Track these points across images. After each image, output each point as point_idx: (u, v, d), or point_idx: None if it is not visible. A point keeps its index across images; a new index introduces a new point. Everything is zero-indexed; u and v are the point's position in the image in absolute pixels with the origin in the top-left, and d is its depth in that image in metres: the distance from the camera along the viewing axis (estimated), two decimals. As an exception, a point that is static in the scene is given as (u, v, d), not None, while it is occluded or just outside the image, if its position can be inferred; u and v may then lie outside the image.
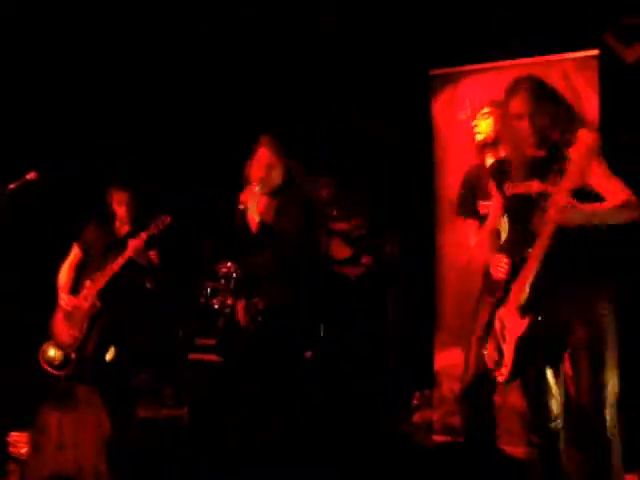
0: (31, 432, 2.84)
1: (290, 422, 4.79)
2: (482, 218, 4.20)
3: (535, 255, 3.42)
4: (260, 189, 4.70)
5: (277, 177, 4.73)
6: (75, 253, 5.52)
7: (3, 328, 5.82)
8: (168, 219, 5.24)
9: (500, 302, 3.63)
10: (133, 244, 5.22)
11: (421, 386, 5.83)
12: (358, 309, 6.38)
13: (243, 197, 4.74)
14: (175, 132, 6.75)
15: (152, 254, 5.37)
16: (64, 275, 5.47)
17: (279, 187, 4.74)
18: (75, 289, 5.42)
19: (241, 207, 4.73)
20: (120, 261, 5.23)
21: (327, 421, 5.34)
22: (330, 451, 4.88)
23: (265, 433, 4.93)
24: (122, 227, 5.51)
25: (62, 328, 5.33)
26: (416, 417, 5.66)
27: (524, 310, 3.51)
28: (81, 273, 5.47)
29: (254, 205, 4.70)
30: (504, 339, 3.62)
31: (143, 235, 5.22)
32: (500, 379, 3.66)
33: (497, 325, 3.64)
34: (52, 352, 5.31)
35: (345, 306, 6.37)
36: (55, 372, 5.28)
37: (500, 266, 3.61)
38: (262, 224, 4.68)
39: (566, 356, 3.60)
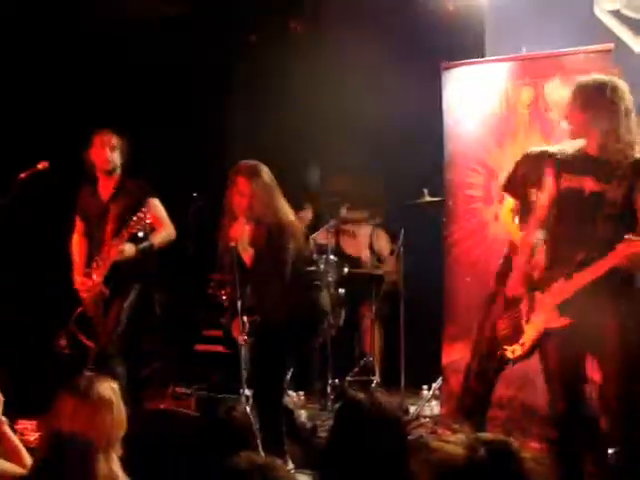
0: (46, 416, 2.83)
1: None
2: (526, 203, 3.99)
3: (601, 266, 3.49)
4: (247, 220, 4.62)
5: (260, 205, 4.59)
6: (78, 225, 5.42)
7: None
8: (147, 216, 4.97)
9: (538, 286, 3.69)
10: (115, 249, 5.03)
11: (429, 380, 5.85)
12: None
13: (233, 233, 4.61)
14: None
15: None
16: (76, 251, 5.36)
17: (264, 214, 4.61)
18: (90, 261, 5.30)
19: (232, 244, 4.61)
20: (108, 262, 5.07)
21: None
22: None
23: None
24: (104, 186, 5.31)
25: (88, 303, 5.25)
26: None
27: (564, 310, 3.59)
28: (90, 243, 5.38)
29: (245, 239, 4.62)
30: (527, 320, 3.68)
31: (124, 235, 5.00)
32: (510, 355, 3.77)
33: (524, 303, 3.72)
34: (86, 321, 5.24)
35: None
36: (87, 343, 5.20)
37: None
38: (257, 255, 4.60)
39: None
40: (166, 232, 5.30)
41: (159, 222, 5.25)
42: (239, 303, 4.70)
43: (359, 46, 6.30)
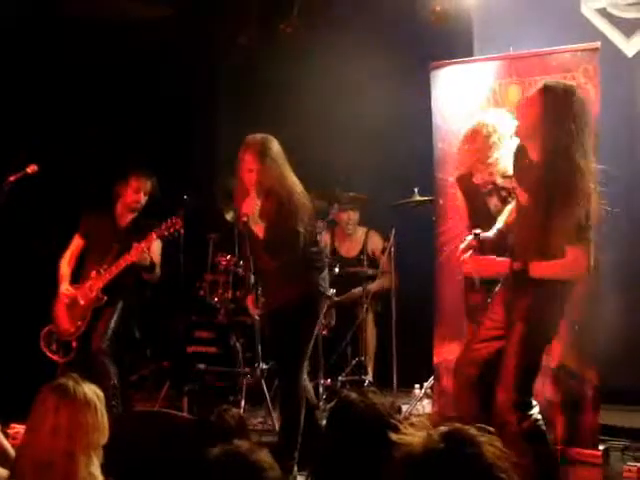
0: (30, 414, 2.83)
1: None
2: None
3: None
4: (257, 194, 4.63)
5: (268, 179, 4.60)
6: (76, 243, 5.54)
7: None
8: (179, 222, 5.17)
9: None
10: (138, 249, 5.18)
11: (421, 379, 5.86)
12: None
13: (244, 208, 4.64)
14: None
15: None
16: (65, 265, 5.50)
17: (272, 188, 4.62)
18: (76, 277, 5.44)
19: (244, 219, 4.64)
20: (122, 264, 5.23)
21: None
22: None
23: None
24: (123, 215, 5.50)
25: (64, 316, 5.37)
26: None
27: None
28: (85, 261, 5.50)
29: (256, 212, 4.63)
30: None
31: (151, 238, 5.17)
32: None
33: None
34: (54, 337, 5.36)
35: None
36: (55, 357, 5.31)
37: None
38: (269, 228, 4.63)
39: None
40: (158, 268, 5.53)
41: (156, 258, 5.48)
42: (252, 277, 4.81)
43: (348, 47, 6.32)
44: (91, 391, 2.81)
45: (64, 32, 6.41)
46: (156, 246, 5.42)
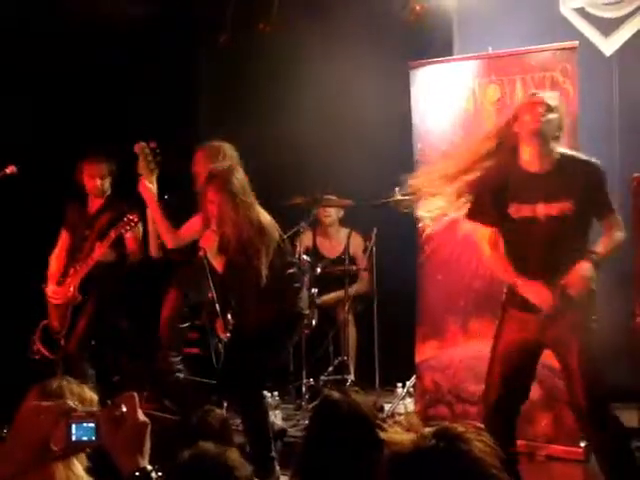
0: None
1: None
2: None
3: None
4: (218, 227, 4.54)
5: (229, 213, 4.49)
6: (64, 237, 5.53)
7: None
8: (136, 218, 5.09)
9: None
10: (99, 249, 5.16)
11: (403, 378, 5.87)
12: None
13: (202, 242, 4.57)
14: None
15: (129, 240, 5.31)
16: (54, 262, 5.51)
17: (233, 222, 4.51)
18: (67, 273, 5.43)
19: (201, 253, 4.58)
20: (90, 263, 5.21)
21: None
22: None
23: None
24: (92, 203, 5.48)
25: (53, 314, 5.37)
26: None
27: None
28: (68, 255, 5.49)
29: (214, 247, 4.56)
30: None
31: (111, 235, 5.12)
32: None
33: None
34: (47, 333, 5.37)
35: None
36: (47, 353, 5.30)
37: None
38: (229, 262, 4.55)
39: None
40: (139, 254, 5.44)
41: (136, 243, 5.38)
42: (217, 306, 4.73)
43: (327, 47, 6.32)
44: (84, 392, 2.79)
45: (44, 30, 6.38)
46: (138, 232, 5.31)
